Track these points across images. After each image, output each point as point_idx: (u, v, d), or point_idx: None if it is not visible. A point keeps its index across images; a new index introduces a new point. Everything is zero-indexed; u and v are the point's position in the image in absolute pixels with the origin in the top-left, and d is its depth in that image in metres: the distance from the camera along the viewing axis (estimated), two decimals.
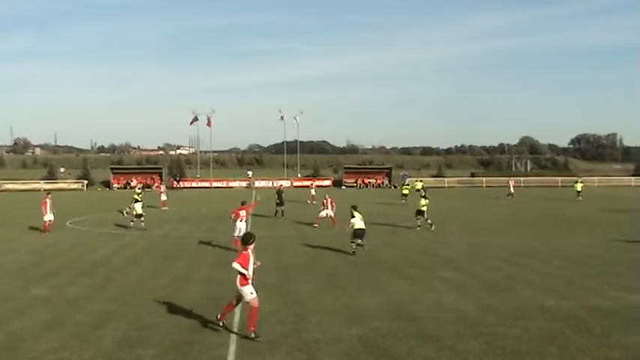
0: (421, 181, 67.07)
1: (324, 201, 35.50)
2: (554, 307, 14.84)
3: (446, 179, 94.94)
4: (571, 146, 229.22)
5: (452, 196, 67.10)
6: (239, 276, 12.32)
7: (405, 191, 54.55)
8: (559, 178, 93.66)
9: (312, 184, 64.71)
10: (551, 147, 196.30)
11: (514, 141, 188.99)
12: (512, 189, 63.18)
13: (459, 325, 13.25)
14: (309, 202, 53.14)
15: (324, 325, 13.26)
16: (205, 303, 15.25)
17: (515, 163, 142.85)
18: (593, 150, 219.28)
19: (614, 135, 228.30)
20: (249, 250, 12.42)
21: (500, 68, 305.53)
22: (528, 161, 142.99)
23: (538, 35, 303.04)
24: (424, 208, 32.52)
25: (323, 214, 34.70)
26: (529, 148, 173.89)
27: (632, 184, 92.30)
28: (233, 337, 12.48)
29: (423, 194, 33.54)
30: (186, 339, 12.39)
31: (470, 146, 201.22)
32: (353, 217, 23.88)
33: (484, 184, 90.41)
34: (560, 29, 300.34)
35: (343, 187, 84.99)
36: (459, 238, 28.75)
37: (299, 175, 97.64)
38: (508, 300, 15.74)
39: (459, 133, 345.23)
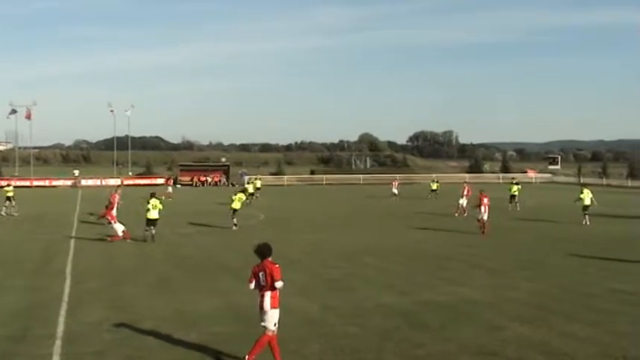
0: (259, 179, 67.44)
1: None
2: (391, 304, 15.53)
3: (285, 177, 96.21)
4: (409, 143, 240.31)
5: (290, 194, 68.17)
6: (269, 296, 10.59)
7: (251, 190, 54.72)
8: (397, 175, 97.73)
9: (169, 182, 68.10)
10: (391, 144, 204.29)
11: (354, 138, 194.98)
12: (395, 189, 60.34)
13: (303, 327, 13.48)
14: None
15: (159, 331, 13.06)
16: (25, 311, 14.55)
17: (355, 161, 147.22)
18: (430, 147, 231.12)
19: (450, 132, 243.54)
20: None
21: (341, 64, 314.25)
22: (368, 158, 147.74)
23: (378, 31, 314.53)
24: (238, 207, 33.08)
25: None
26: (369, 145, 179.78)
27: (467, 180, 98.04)
28: (57, 348, 11.95)
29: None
30: (5, 351, 11.79)
31: (310, 143, 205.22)
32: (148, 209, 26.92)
33: (324, 182, 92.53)
34: (399, 26, 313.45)
35: (178, 186, 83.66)
36: (302, 237, 29.33)
37: (130, 174, 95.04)
38: (348, 299, 16.27)
39: (299, 129, 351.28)
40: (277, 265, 10.60)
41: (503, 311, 14.86)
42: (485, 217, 31.07)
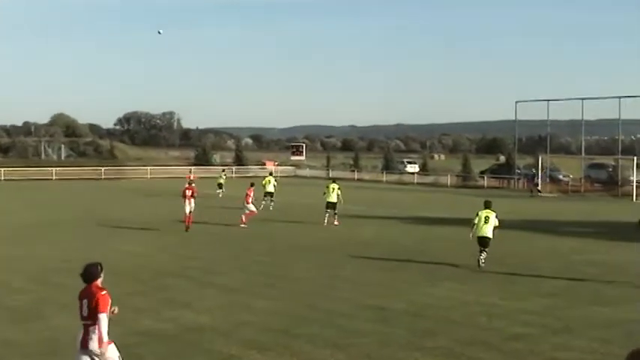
0: None
1: None
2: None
3: None
4: (118, 127, 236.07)
5: None
6: (96, 333, 10.23)
7: None
8: (103, 168, 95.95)
9: None
10: (93, 128, 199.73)
11: (44, 119, 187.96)
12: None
13: None
14: None
15: None
16: None
17: (45, 149, 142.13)
18: (146, 132, 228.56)
19: (170, 114, 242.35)
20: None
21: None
22: (63, 146, 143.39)
23: None
24: None
25: None
26: (64, 129, 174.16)
27: (193, 178, 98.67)
28: None
29: None
30: None
31: None
32: None
33: (3, 177, 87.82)
34: None
35: None
36: None
37: None
38: (35, 331, 15.92)
39: None
40: (105, 292, 10.37)
41: (238, 337, 15.22)
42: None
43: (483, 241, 25.47)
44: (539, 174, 75.69)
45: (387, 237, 33.99)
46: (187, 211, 35.53)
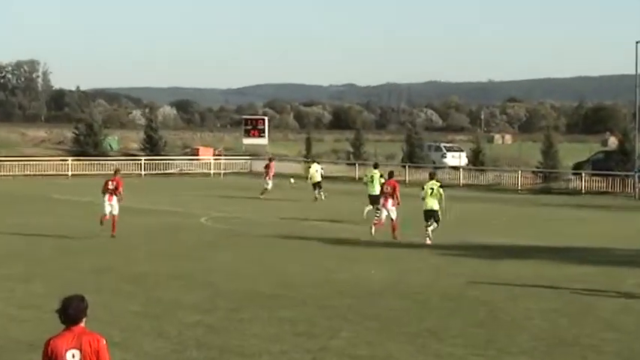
0: None
1: None
2: None
3: None
4: None
5: None
6: None
7: None
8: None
9: None
10: None
11: None
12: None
13: None
14: None
15: None
16: None
17: None
18: None
19: (31, 65, 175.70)
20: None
21: None
22: None
23: None
24: None
25: None
26: None
27: None
28: None
29: None
30: None
31: None
32: None
33: None
34: None
35: None
36: None
37: None
38: None
39: None
40: (104, 341, 8.45)
41: None
42: None
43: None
44: None
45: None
46: (107, 211, 28.78)
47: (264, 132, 76.12)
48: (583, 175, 54.61)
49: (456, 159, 71.34)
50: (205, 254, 25.13)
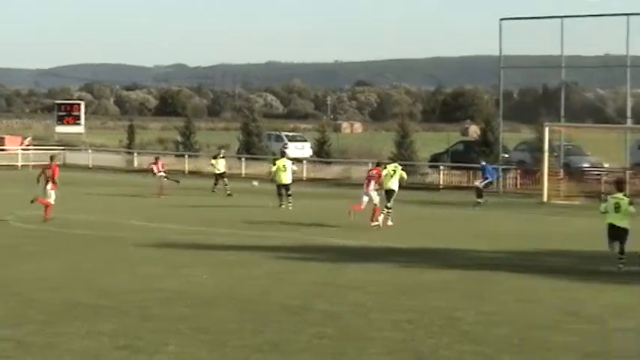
0: None
1: None
2: None
3: None
4: None
5: None
6: None
7: None
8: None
9: None
10: None
11: None
12: None
13: None
14: None
15: None
16: None
17: None
18: None
19: None
20: None
21: None
22: None
23: None
24: None
25: None
26: None
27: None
28: None
29: None
30: None
31: None
32: None
33: None
34: None
35: None
36: None
37: None
38: None
39: None
40: None
41: None
42: None
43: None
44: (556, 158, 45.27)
45: None
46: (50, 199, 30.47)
47: (79, 119, 70.51)
48: (441, 168, 51.97)
49: (300, 150, 65.69)
50: (12, 259, 22.93)
